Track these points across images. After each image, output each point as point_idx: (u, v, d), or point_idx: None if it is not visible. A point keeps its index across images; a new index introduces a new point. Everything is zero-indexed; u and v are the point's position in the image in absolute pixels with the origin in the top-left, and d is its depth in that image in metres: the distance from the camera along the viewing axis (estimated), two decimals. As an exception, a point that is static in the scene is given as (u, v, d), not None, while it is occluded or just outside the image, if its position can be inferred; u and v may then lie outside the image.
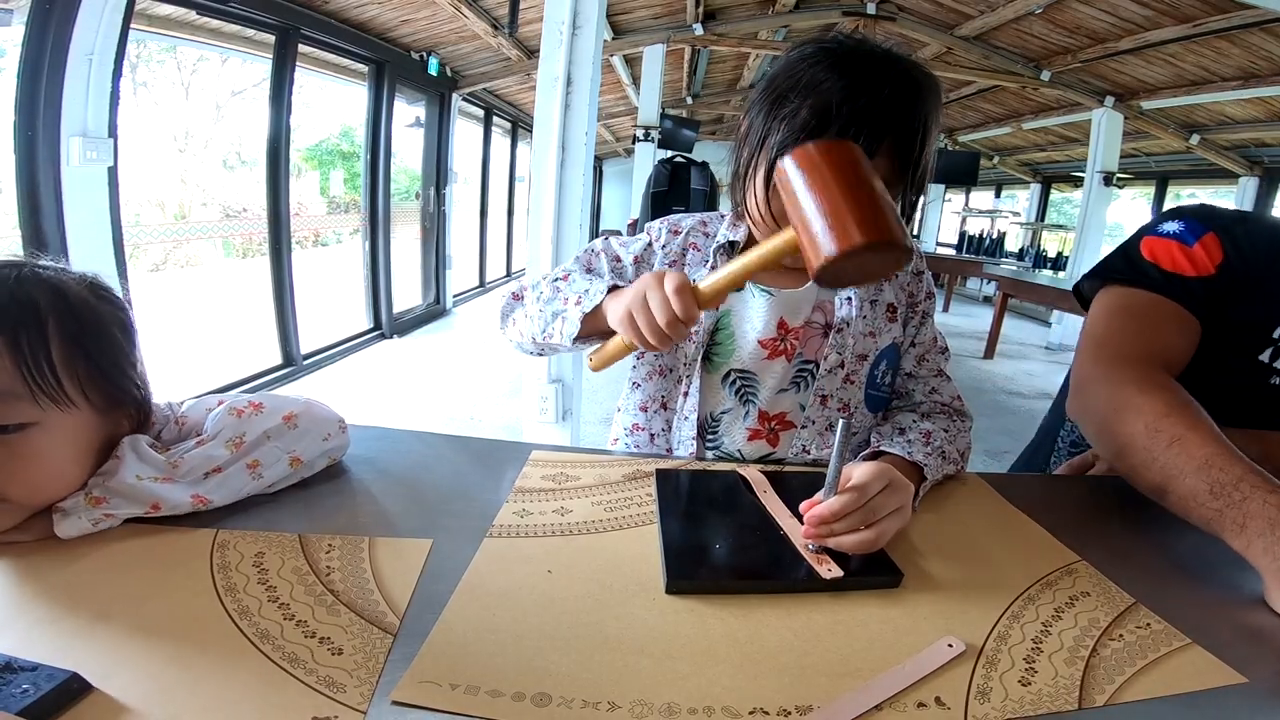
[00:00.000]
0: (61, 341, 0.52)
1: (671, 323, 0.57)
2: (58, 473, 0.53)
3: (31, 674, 0.36)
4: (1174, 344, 0.77)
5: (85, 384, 0.53)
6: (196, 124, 8.10)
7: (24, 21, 1.80)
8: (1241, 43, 4.23)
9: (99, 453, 0.56)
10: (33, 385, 0.49)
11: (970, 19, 5.22)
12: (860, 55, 0.67)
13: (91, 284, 0.57)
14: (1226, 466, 0.59)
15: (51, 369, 0.51)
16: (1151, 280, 0.79)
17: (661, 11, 5.28)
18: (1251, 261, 0.77)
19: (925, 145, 0.67)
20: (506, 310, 0.83)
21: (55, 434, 0.52)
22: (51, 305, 0.52)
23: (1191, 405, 0.67)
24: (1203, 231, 0.79)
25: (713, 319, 0.78)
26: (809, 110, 0.64)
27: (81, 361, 0.53)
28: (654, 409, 0.82)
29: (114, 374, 0.56)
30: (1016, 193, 10.88)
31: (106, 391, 0.55)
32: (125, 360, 0.58)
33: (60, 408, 0.51)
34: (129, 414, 0.59)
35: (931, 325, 0.83)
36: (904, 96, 0.65)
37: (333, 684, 0.39)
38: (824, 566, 0.53)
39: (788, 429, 0.78)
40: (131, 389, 0.58)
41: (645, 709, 0.39)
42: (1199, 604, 0.53)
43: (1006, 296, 5.54)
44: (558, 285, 0.75)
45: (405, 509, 0.63)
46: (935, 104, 0.68)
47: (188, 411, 0.64)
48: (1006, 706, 0.40)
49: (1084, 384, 0.78)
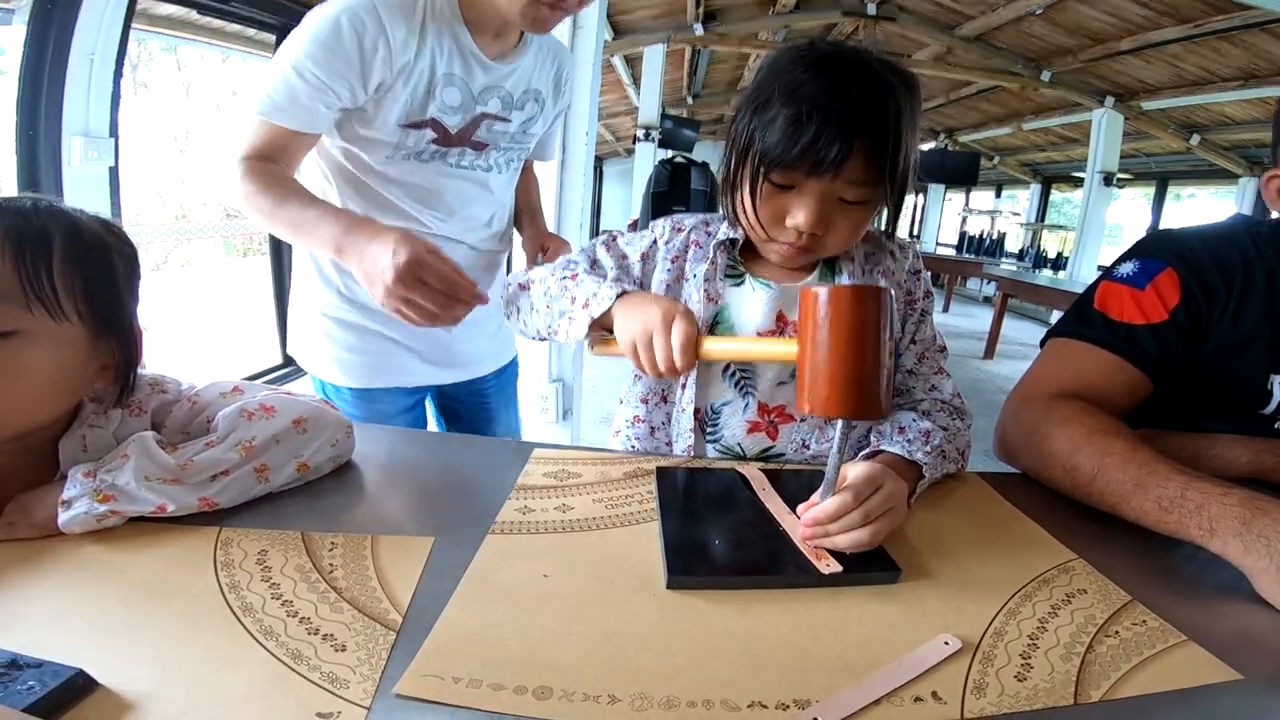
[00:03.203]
0: (64, 256, 0.53)
1: (670, 370, 0.64)
2: (36, 390, 0.53)
3: (37, 671, 0.36)
4: (1106, 389, 0.78)
5: (80, 298, 0.54)
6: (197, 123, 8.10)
7: (25, 21, 1.81)
8: (1242, 43, 4.24)
9: (78, 385, 0.57)
10: (28, 288, 0.51)
11: (970, 19, 5.23)
12: (830, 59, 0.68)
13: (104, 222, 0.60)
14: (1163, 482, 0.61)
15: (49, 275, 0.52)
16: (1094, 332, 0.81)
17: (662, 12, 5.29)
18: (1214, 289, 0.79)
19: (900, 143, 0.67)
20: (512, 298, 0.84)
21: (41, 348, 0.52)
22: (60, 227, 0.54)
23: (1100, 427, 0.69)
24: (1158, 269, 0.80)
25: (711, 313, 0.78)
26: (784, 118, 0.66)
27: (79, 276, 0.54)
28: (654, 401, 0.83)
29: (110, 294, 0.57)
30: (1017, 193, 10.89)
31: (99, 310, 0.56)
32: (123, 288, 0.59)
33: (52, 317, 0.52)
34: (117, 346, 0.58)
35: (931, 323, 0.83)
36: (873, 96, 0.65)
37: (336, 680, 0.39)
38: (823, 562, 0.53)
39: (787, 421, 0.79)
40: (124, 317, 0.59)
41: (645, 702, 0.39)
42: (1194, 601, 0.54)
43: (1006, 297, 5.54)
44: (565, 284, 0.76)
45: (407, 507, 0.64)
46: (909, 101, 0.68)
47: (202, 392, 0.64)
48: (1002, 701, 0.41)
49: (1000, 425, 0.82)
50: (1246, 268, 0.79)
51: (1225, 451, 0.78)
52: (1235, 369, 0.79)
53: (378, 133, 0.97)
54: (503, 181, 1.14)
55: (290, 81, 0.87)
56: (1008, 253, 9.94)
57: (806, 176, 0.67)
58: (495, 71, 1.01)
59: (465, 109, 1.01)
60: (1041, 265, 8.77)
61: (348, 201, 1.02)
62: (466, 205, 1.09)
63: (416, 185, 1.04)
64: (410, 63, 0.92)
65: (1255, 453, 0.76)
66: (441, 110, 0.99)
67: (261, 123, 0.90)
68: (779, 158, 0.67)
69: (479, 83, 1.00)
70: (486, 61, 0.99)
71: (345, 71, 0.88)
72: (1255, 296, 0.78)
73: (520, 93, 1.06)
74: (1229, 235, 0.82)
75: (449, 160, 1.05)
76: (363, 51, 0.88)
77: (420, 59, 0.93)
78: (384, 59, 0.90)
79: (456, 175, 1.07)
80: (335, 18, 0.87)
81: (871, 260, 0.81)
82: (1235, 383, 0.79)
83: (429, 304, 0.75)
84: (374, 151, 0.99)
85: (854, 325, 0.54)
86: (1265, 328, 0.78)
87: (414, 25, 0.91)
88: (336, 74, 0.88)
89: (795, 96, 0.66)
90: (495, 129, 1.06)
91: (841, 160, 0.65)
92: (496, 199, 1.14)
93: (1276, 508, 0.54)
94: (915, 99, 0.70)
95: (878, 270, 0.80)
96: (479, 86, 1.00)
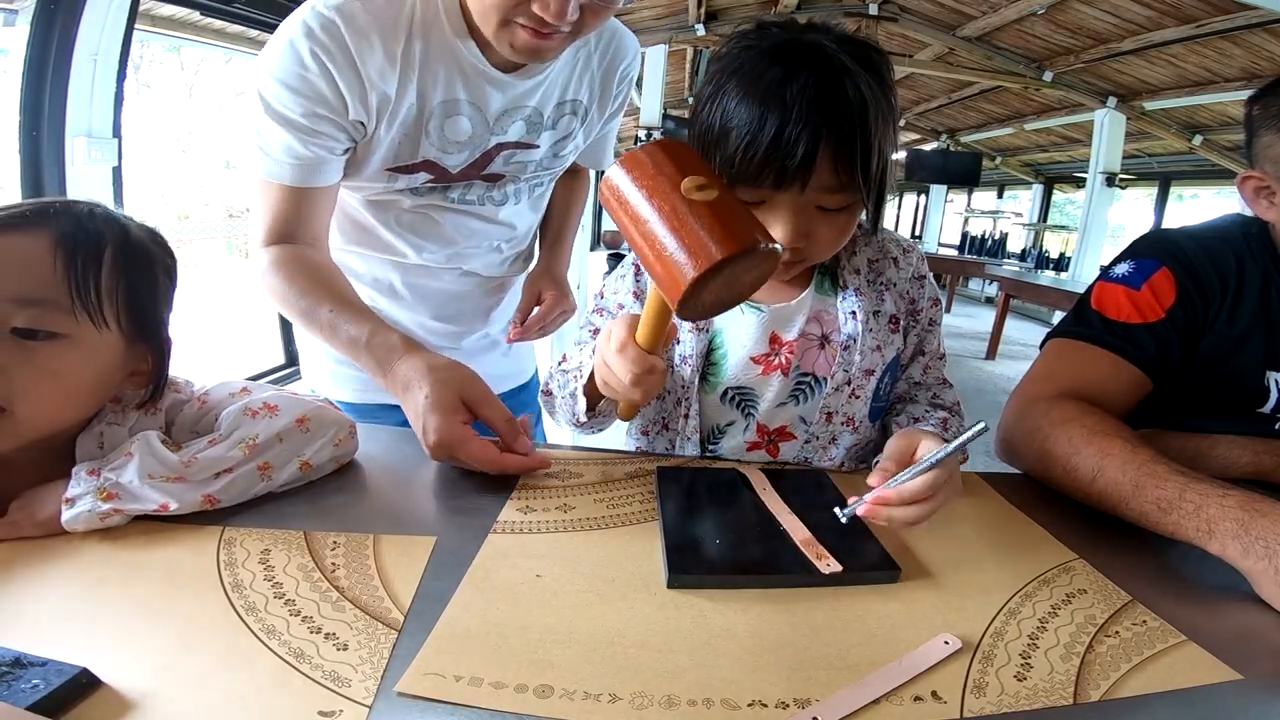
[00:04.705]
0: (113, 265, 0.56)
1: (636, 379, 0.56)
2: (69, 393, 0.55)
3: (41, 669, 0.36)
4: (1106, 388, 0.78)
5: (121, 308, 0.56)
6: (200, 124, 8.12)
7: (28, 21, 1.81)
8: (1244, 43, 4.23)
9: (109, 389, 0.58)
10: (76, 296, 0.52)
11: (972, 19, 5.23)
12: (781, 50, 0.61)
13: (152, 232, 0.62)
14: (1161, 483, 0.61)
15: (97, 285, 0.54)
16: (1092, 332, 0.81)
17: (663, 12, 5.29)
18: (1209, 288, 0.79)
19: (870, 140, 0.61)
20: (548, 408, 0.81)
21: (79, 353, 0.54)
22: (113, 236, 0.57)
23: (1101, 428, 0.69)
24: (1154, 269, 0.81)
25: (704, 342, 0.75)
26: (737, 128, 0.60)
27: (124, 287, 0.56)
28: (655, 431, 0.82)
29: (149, 307, 0.59)
30: (1019, 193, 10.87)
31: (138, 320, 0.58)
32: (161, 301, 0.61)
33: (94, 324, 0.54)
34: (149, 354, 0.60)
35: (938, 333, 0.81)
36: (833, 89, 0.59)
37: (338, 678, 0.39)
38: (823, 562, 0.53)
39: (788, 440, 0.78)
40: (159, 328, 0.61)
41: (645, 701, 0.39)
42: (1194, 601, 0.54)
43: (1009, 297, 5.54)
44: (564, 369, 0.75)
45: (409, 506, 0.64)
46: (877, 87, 0.61)
47: (211, 392, 0.65)
48: (1002, 701, 0.41)
49: (1002, 426, 0.82)
50: (1240, 266, 0.79)
51: (1226, 452, 0.78)
52: (1231, 367, 0.79)
53: (358, 179, 0.83)
54: (520, 210, 0.97)
55: (281, 138, 0.74)
56: (1010, 253, 9.92)
57: (774, 190, 0.62)
58: (515, 88, 0.82)
59: (475, 144, 0.83)
60: (1044, 266, 8.76)
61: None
62: (469, 238, 0.94)
63: (406, 212, 0.89)
64: (390, 97, 0.76)
65: (1255, 454, 0.76)
66: (440, 148, 0.81)
67: (267, 186, 0.78)
68: (738, 174, 0.61)
69: (495, 105, 0.81)
70: (501, 77, 0.80)
71: (327, 113, 0.74)
72: (1250, 294, 0.78)
73: (552, 107, 0.87)
74: (1223, 234, 0.82)
75: (450, 196, 0.88)
76: (336, 86, 0.73)
77: (406, 90, 0.76)
78: (356, 93, 0.73)
79: (458, 210, 0.91)
80: (292, 47, 0.71)
81: (875, 269, 0.78)
82: (1232, 380, 0.80)
83: (475, 466, 0.66)
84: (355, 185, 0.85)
85: (656, 175, 0.48)
86: (1259, 325, 0.78)
87: (394, 48, 0.74)
88: (320, 118, 0.74)
89: (747, 101, 0.60)
90: (516, 159, 0.88)
91: (807, 169, 0.59)
92: (509, 229, 0.98)
93: (1275, 509, 0.54)
94: (885, 82, 0.63)
95: (881, 281, 0.78)
96: (496, 110, 0.82)
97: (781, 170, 0.59)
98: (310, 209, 0.79)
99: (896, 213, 12.67)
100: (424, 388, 0.65)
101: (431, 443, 0.64)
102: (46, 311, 0.52)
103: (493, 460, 0.65)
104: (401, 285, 0.98)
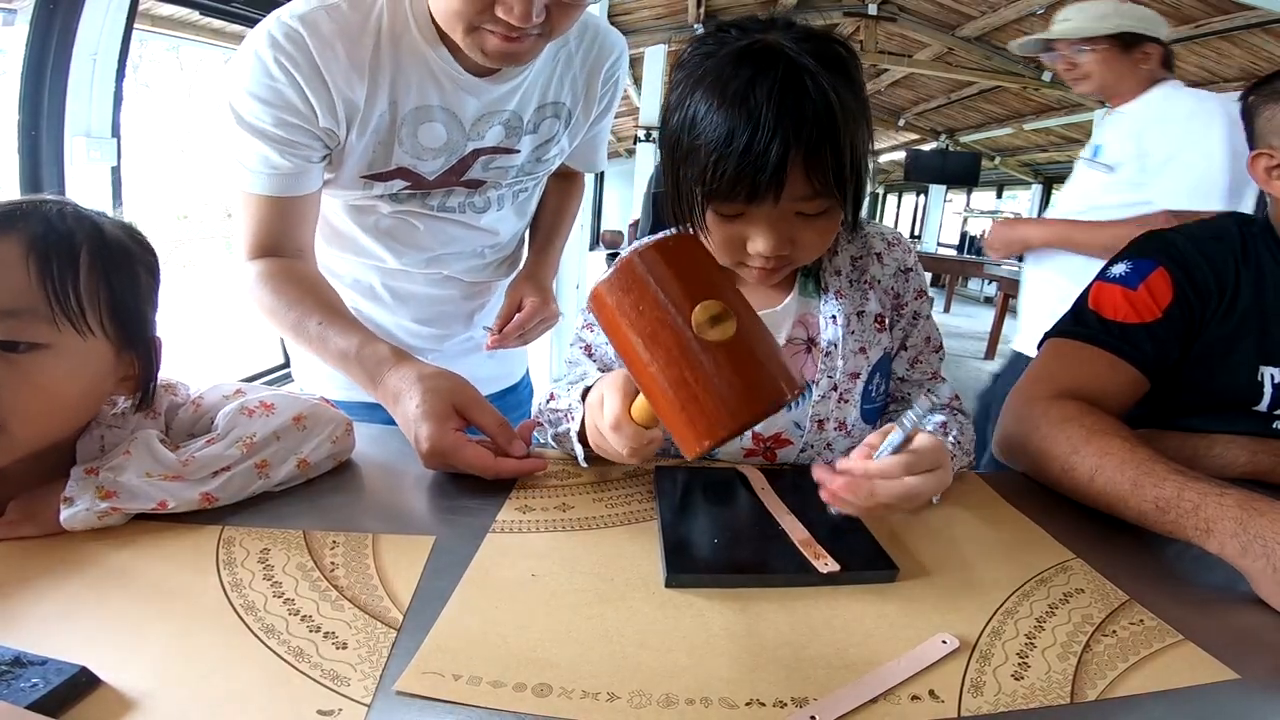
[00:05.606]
0: (90, 268, 0.53)
1: (633, 452, 0.55)
2: (59, 405, 0.53)
3: (40, 668, 0.36)
4: (1103, 388, 0.78)
5: (105, 313, 0.54)
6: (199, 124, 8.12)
7: (27, 21, 1.81)
8: (1243, 44, 4.24)
9: (100, 397, 0.57)
10: (55, 304, 0.50)
11: (972, 19, 5.23)
12: (740, 57, 0.58)
13: (127, 226, 0.59)
14: (1159, 482, 0.61)
15: (76, 290, 0.52)
16: (1089, 331, 0.81)
17: (663, 12, 5.29)
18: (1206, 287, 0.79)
19: (839, 143, 0.58)
20: (542, 437, 0.78)
21: (65, 362, 0.52)
22: (87, 236, 0.54)
23: (1099, 427, 0.69)
24: (1150, 269, 0.81)
25: None
26: (703, 145, 0.59)
27: (105, 290, 0.54)
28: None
29: (133, 309, 0.57)
30: (1018, 193, 10.88)
31: (123, 324, 0.56)
32: (145, 301, 0.59)
33: (78, 332, 0.52)
34: (137, 359, 0.58)
35: (926, 325, 0.79)
36: (796, 94, 0.56)
37: (337, 677, 0.39)
38: (821, 561, 0.53)
39: (784, 446, 0.77)
40: (146, 330, 0.59)
41: (644, 700, 0.39)
42: (1192, 601, 0.54)
43: (1008, 297, 5.54)
44: (554, 409, 0.72)
45: (408, 506, 0.64)
46: (844, 85, 0.58)
47: (205, 394, 0.65)
48: (999, 700, 0.41)
49: (1000, 425, 0.81)
50: (1237, 264, 0.80)
51: (1224, 452, 0.78)
52: (1226, 363, 0.79)
53: (335, 187, 0.83)
54: (503, 216, 0.96)
55: (256, 149, 0.74)
56: (1009, 253, 9.92)
57: (747, 204, 0.61)
58: (491, 93, 0.81)
59: (451, 150, 0.82)
60: (1043, 265, 8.74)
61: None
62: (449, 245, 0.93)
63: (384, 218, 0.88)
64: (359, 105, 0.75)
65: (1253, 453, 0.77)
66: (414, 155, 0.81)
67: (248, 199, 0.77)
68: (711, 191, 0.60)
69: (470, 111, 0.80)
70: (476, 82, 0.79)
71: (298, 121, 0.73)
72: (1245, 290, 0.79)
73: (532, 111, 0.86)
74: (1220, 233, 0.83)
75: (429, 203, 0.88)
76: (304, 94, 0.72)
77: (376, 98, 0.76)
78: (323, 101, 0.73)
79: (438, 217, 0.90)
80: (258, 58, 0.71)
81: (858, 267, 0.76)
82: (1227, 378, 0.80)
83: (470, 472, 0.65)
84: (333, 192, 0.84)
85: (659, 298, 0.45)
86: (1253, 321, 0.78)
87: (360, 57, 0.73)
88: (292, 126, 0.73)
89: (711, 113, 0.58)
90: (496, 165, 0.87)
91: (779, 182, 0.58)
92: (492, 235, 0.97)
93: (1273, 508, 0.54)
94: (851, 78, 0.60)
95: (864, 279, 0.75)
96: (472, 115, 0.81)
97: (754, 185, 0.58)
98: (293, 219, 0.79)
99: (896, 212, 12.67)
100: (414, 396, 0.66)
101: (425, 451, 0.64)
102: (25, 321, 0.49)
103: (488, 465, 0.65)
104: (381, 288, 0.98)
